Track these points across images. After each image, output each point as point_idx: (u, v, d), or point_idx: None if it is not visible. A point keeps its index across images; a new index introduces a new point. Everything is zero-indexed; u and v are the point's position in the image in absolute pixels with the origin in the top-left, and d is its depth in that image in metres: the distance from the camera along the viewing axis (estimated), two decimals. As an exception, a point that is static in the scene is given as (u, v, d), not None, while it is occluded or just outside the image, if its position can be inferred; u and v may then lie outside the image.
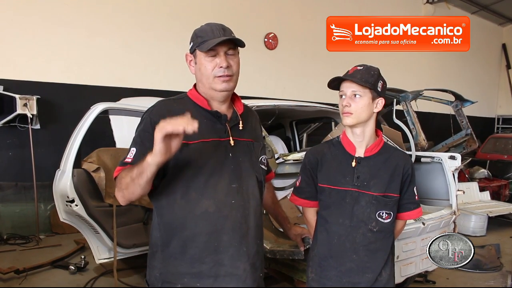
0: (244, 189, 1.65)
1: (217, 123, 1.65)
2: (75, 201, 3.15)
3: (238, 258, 1.61)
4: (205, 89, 1.66)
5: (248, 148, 1.72)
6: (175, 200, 1.59)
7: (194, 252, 1.58)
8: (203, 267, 1.58)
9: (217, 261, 1.58)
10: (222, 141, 1.63)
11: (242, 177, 1.65)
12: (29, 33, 5.64)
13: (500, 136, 10.22)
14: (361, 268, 1.81)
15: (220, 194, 1.59)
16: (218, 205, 1.58)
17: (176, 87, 6.53)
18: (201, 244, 1.58)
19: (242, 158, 1.67)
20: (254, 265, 1.66)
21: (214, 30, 1.61)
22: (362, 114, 1.79)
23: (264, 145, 1.83)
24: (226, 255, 1.59)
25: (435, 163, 3.52)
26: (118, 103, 3.98)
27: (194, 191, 1.58)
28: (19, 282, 3.87)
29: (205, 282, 1.58)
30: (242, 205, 1.64)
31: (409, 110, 5.68)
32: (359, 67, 1.83)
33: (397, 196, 1.84)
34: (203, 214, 1.57)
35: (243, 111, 1.76)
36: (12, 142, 5.57)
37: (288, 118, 5.02)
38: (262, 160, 1.78)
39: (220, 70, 1.60)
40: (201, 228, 1.58)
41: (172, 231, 1.60)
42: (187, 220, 1.58)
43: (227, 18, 7.48)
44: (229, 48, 1.62)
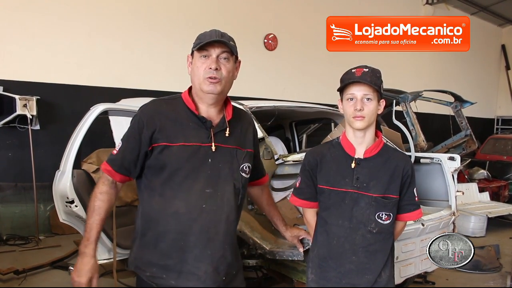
0: (219, 195, 1.71)
1: (202, 127, 1.71)
2: (75, 202, 3.14)
3: (200, 260, 1.69)
4: (195, 90, 1.74)
5: (230, 155, 1.76)
6: (154, 196, 1.71)
7: (164, 246, 1.69)
8: (170, 262, 1.69)
9: (182, 259, 1.69)
10: (203, 146, 1.69)
11: (219, 183, 1.71)
12: (29, 33, 5.64)
13: (499, 137, 10.23)
14: (361, 269, 1.81)
15: (192, 197, 1.68)
16: (189, 208, 1.67)
17: (176, 88, 6.52)
18: (169, 240, 1.69)
19: (222, 164, 1.73)
20: (217, 268, 1.72)
21: (213, 34, 1.69)
22: (372, 117, 1.80)
23: (249, 153, 1.83)
24: (191, 255, 1.69)
25: (435, 164, 3.52)
26: (118, 104, 3.97)
27: (169, 190, 1.68)
28: (19, 282, 3.87)
29: (170, 275, 1.69)
30: (214, 210, 1.70)
31: (408, 111, 5.68)
32: (365, 68, 1.80)
33: (396, 197, 1.84)
34: (174, 214, 1.68)
35: (233, 117, 1.80)
36: (12, 142, 5.57)
37: (288, 119, 5.01)
38: (243, 168, 1.80)
39: (209, 71, 1.66)
40: (171, 226, 1.68)
41: (149, 223, 1.73)
42: (161, 217, 1.69)
43: (226, 19, 7.54)
44: (223, 52, 1.68)
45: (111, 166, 1.74)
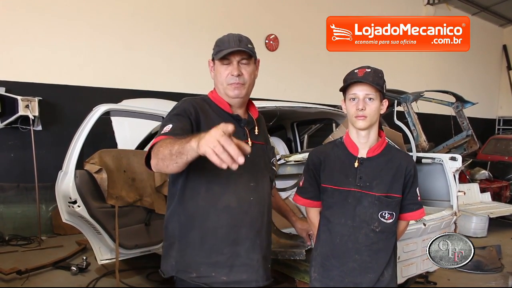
0: (260, 188, 1.81)
1: (237, 126, 1.71)
2: (77, 202, 3.16)
3: (253, 250, 1.76)
4: (220, 94, 1.81)
5: (262, 150, 1.87)
6: (199, 193, 1.70)
7: (213, 242, 1.71)
8: (220, 258, 1.71)
9: (234, 252, 1.72)
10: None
11: (258, 176, 1.80)
12: (31, 35, 5.66)
13: (501, 137, 10.22)
14: (363, 268, 1.82)
15: (241, 191, 1.74)
16: (239, 201, 1.73)
17: (177, 89, 6.57)
18: (221, 235, 1.71)
19: (258, 159, 1.82)
20: (265, 256, 1.83)
21: (231, 40, 1.74)
22: (374, 117, 1.81)
23: (273, 148, 1.97)
24: (243, 247, 1.74)
25: (436, 164, 3.52)
26: (120, 105, 3.99)
27: (217, 186, 1.70)
28: (21, 283, 3.88)
29: (220, 271, 1.71)
30: (259, 202, 1.79)
31: (410, 111, 5.68)
32: (367, 69, 1.81)
33: (399, 196, 1.85)
34: (226, 208, 1.71)
35: (258, 116, 1.92)
36: (14, 143, 5.58)
37: (289, 120, 5.02)
38: (273, 162, 1.96)
39: (232, 78, 1.74)
40: (223, 221, 1.71)
41: (193, 222, 1.72)
42: (210, 212, 1.70)
43: (228, 20, 7.54)
44: (243, 58, 1.75)
45: (166, 135, 1.54)
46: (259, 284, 1.78)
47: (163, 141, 1.47)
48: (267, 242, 1.86)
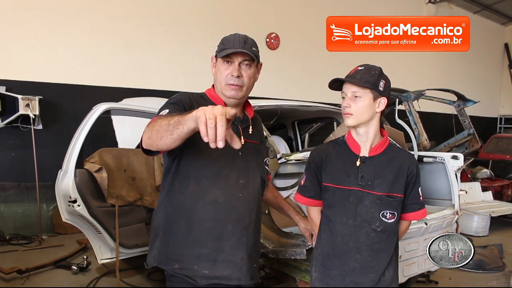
0: (250, 186, 1.81)
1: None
2: (77, 201, 3.15)
3: (237, 247, 1.75)
4: (218, 92, 1.82)
5: (255, 149, 1.88)
6: (188, 186, 1.71)
7: (198, 235, 1.71)
8: (204, 251, 1.71)
9: (218, 247, 1.72)
10: None
11: (249, 174, 1.81)
12: (31, 33, 5.65)
13: (502, 136, 10.18)
14: (364, 268, 1.81)
15: (230, 186, 1.74)
16: (227, 196, 1.73)
17: (178, 88, 6.54)
18: (206, 229, 1.71)
19: (250, 158, 1.83)
20: (250, 255, 1.80)
21: (236, 40, 1.75)
22: (363, 115, 1.79)
23: (266, 148, 1.99)
24: (228, 243, 1.73)
25: (438, 163, 3.51)
26: (120, 104, 3.98)
27: (206, 179, 1.71)
28: (22, 282, 3.87)
29: (203, 265, 1.71)
30: (248, 200, 1.79)
31: (411, 110, 5.67)
32: (360, 67, 1.82)
33: (401, 196, 1.83)
34: (213, 202, 1.71)
35: (253, 116, 1.92)
36: (15, 142, 5.58)
37: (290, 118, 5.02)
38: (266, 162, 1.98)
39: (232, 78, 1.74)
40: (209, 214, 1.71)
41: (180, 214, 1.72)
42: (197, 205, 1.71)
43: (228, 19, 7.52)
44: (245, 59, 1.74)
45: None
46: (241, 282, 1.76)
47: (160, 116, 1.49)
48: (254, 241, 1.84)
